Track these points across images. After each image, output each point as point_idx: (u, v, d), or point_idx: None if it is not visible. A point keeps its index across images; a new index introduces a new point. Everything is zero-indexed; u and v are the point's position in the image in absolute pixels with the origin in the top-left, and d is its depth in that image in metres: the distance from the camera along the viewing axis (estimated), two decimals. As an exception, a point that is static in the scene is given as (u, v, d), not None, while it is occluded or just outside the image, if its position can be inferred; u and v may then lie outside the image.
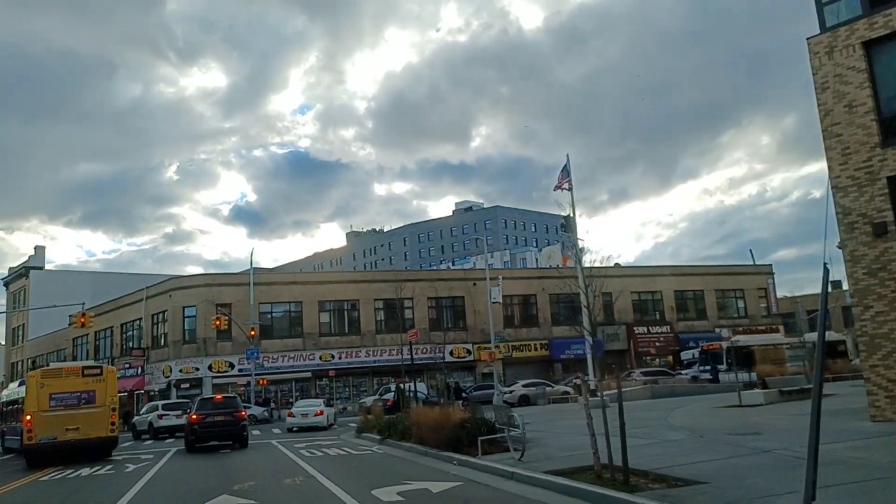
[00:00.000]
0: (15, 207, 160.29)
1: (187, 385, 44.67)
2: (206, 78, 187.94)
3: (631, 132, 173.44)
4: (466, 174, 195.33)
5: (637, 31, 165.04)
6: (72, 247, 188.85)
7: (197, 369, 45.12)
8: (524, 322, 53.28)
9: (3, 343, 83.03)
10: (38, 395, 20.16)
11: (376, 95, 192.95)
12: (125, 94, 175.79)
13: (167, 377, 45.74)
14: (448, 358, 48.99)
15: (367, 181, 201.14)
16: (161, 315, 48.83)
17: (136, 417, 37.15)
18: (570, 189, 28.42)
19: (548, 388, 37.35)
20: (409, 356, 50.21)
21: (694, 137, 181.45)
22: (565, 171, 28.64)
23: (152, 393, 47.22)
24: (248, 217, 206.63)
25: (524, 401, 33.94)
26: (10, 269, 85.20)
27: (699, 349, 47.27)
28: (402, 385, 41.78)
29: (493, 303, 42.27)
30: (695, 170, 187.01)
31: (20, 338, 76.36)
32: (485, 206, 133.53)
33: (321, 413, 30.61)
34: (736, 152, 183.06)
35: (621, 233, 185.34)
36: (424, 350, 48.01)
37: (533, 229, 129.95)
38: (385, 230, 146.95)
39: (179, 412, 32.18)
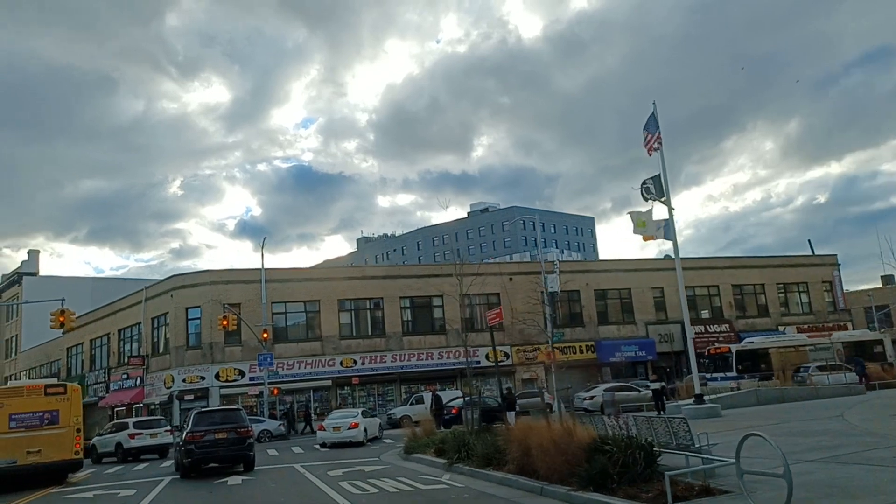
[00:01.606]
0: (20, 225, 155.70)
1: (191, 396, 38.90)
2: (207, 93, 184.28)
3: (632, 140, 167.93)
4: (468, 184, 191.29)
5: (636, 38, 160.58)
6: (79, 263, 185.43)
7: (202, 378, 39.51)
8: (567, 321, 47.64)
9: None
10: None
11: (377, 107, 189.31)
12: (127, 110, 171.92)
13: (169, 388, 40.15)
14: (483, 362, 43.37)
15: (370, 193, 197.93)
16: (162, 318, 43.30)
17: (96, 438, 30.37)
18: (660, 146, 22.85)
19: (619, 394, 31.36)
20: (441, 360, 45.67)
21: (696, 144, 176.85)
22: (653, 123, 23.05)
23: (153, 406, 41.70)
24: (254, 231, 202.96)
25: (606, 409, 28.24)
26: (4, 276, 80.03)
27: (705, 353, 42.10)
28: (436, 392, 36.52)
29: (551, 292, 36.67)
30: (698, 176, 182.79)
31: (13, 350, 71.15)
32: (501, 206, 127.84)
33: (356, 425, 25.19)
34: (739, 158, 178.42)
35: (626, 240, 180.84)
36: (456, 354, 42.70)
37: (553, 230, 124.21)
38: (397, 234, 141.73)
39: (156, 430, 28.61)
